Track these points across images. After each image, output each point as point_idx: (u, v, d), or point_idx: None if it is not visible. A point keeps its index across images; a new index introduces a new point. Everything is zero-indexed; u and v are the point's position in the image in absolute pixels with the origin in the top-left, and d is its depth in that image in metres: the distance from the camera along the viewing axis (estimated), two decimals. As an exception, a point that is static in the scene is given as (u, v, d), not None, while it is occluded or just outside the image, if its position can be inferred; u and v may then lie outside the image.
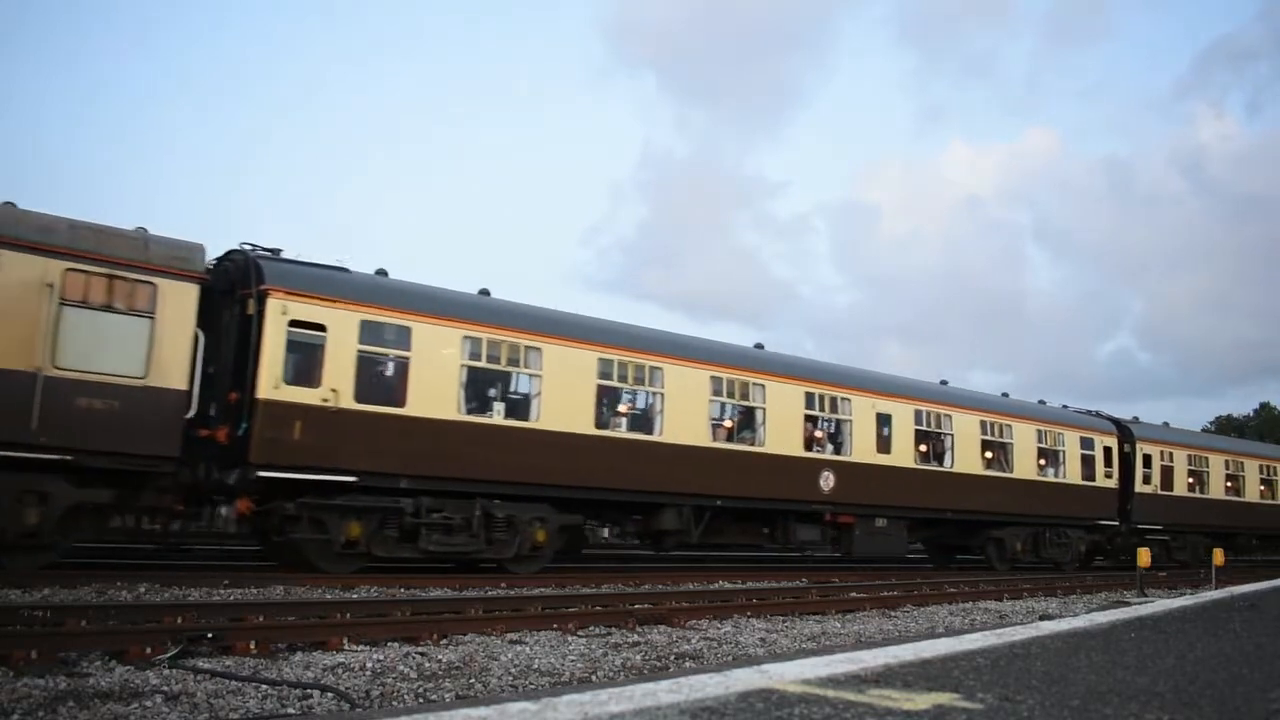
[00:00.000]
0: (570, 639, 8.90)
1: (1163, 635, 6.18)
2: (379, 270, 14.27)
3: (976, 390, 23.44)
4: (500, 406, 14.52)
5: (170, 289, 11.77)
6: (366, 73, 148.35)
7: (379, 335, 13.32)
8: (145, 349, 11.51)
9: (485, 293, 15.24)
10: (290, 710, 5.71)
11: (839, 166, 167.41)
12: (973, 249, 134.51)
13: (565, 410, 14.80)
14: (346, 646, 7.84)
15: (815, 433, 18.41)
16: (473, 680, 6.75)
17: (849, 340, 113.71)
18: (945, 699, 3.42)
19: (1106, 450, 24.43)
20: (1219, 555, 18.59)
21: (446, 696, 6.24)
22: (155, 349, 11.57)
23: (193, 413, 11.83)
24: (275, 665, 6.94)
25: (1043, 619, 10.33)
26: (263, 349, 12.27)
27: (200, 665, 6.65)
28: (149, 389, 11.47)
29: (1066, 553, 23.26)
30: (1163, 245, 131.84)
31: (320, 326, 12.74)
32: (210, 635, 7.42)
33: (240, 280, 12.83)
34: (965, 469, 20.80)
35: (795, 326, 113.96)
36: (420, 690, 6.31)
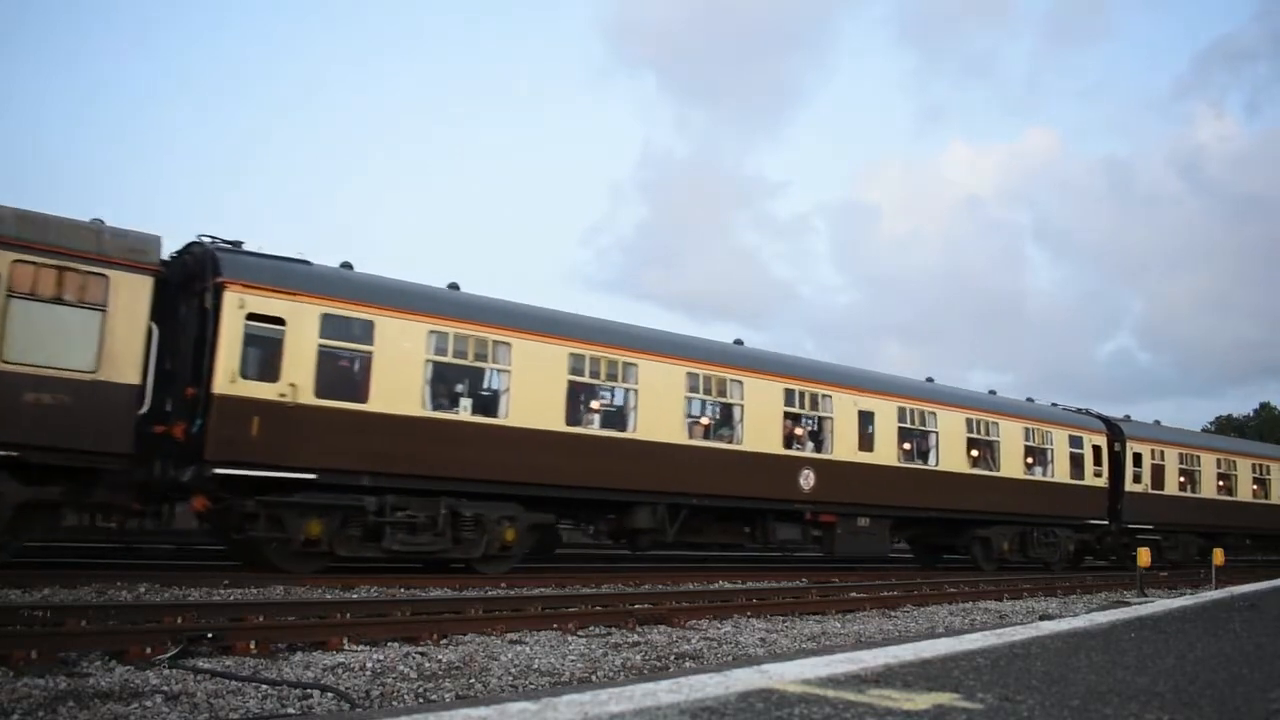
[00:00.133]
0: (570, 639, 8.88)
1: (1163, 635, 6.18)
2: (343, 263, 14.00)
3: (962, 388, 23.14)
4: (467, 402, 14.22)
5: (123, 281, 11.54)
6: (366, 73, 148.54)
7: (341, 329, 13.03)
8: (96, 342, 11.32)
9: (454, 286, 14.98)
10: (290, 710, 5.71)
11: (839, 166, 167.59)
12: (973, 249, 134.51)
13: (535, 406, 14.53)
14: (346, 646, 7.82)
15: (795, 430, 18.13)
16: (473, 680, 6.75)
17: (849, 340, 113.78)
18: (945, 699, 3.44)
19: (1096, 449, 24.16)
20: (1219, 555, 18.35)
21: (446, 696, 6.25)
22: (107, 342, 11.36)
23: (146, 408, 11.59)
24: (275, 665, 6.93)
25: (1043, 619, 10.29)
26: (219, 343, 12.00)
27: (200, 665, 6.65)
28: (100, 383, 11.25)
29: (1055, 552, 22.97)
30: (1162, 245, 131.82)
31: (279, 320, 12.48)
32: (210, 635, 7.41)
33: (198, 273, 12.58)
34: (950, 467, 20.51)
35: (795, 326, 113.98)
36: (420, 690, 6.30)
